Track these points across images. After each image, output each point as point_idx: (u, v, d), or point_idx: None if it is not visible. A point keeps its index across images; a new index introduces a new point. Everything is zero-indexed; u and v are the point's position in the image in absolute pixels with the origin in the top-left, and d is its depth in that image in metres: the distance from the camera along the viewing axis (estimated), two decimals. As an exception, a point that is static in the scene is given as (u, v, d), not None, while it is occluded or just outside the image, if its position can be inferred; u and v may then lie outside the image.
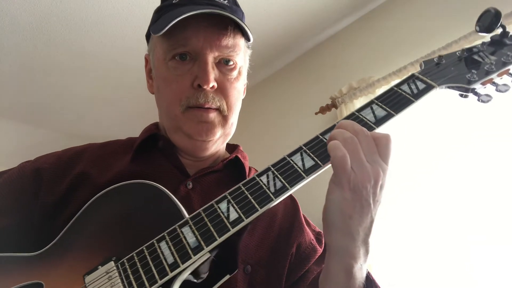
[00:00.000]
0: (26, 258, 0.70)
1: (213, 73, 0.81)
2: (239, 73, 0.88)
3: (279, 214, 0.89)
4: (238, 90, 0.89)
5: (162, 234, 0.65)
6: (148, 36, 0.93)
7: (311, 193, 1.18)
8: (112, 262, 0.65)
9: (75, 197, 0.78)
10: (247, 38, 0.86)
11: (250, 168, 0.97)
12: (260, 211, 0.63)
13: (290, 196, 0.94)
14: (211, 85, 0.81)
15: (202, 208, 0.66)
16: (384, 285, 0.78)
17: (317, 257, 0.89)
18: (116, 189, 0.73)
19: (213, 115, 0.83)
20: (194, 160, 0.90)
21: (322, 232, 0.91)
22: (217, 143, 0.88)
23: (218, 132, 0.85)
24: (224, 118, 0.85)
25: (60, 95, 3.06)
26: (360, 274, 0.67)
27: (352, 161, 0.61)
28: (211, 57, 0.82)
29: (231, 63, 0.86)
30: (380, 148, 0.63)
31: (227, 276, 0.66)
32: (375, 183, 0.61)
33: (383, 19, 2.49)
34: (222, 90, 0.84)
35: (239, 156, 0.92)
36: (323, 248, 0.91)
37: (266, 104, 3.14)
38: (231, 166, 0.91)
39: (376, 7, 2.56)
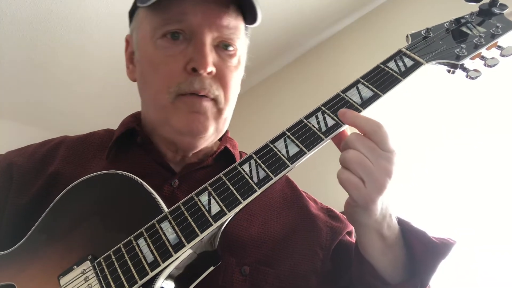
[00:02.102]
0: None
1: (211, 56, 0.66)
2: (239, 62, 0.73)
3: (275, 205, 0.77)
4: (237, 81, 0.73)
5: (140, 230, 0.56)
6: (133, 12, 0.76)
7: (314, 172, 1.09)
8: (88, 262, 0.56)
9: (48, 198, 0.66)
10: (251, 21, 0.71)
11: (241, 154, 0.83)
12: (244, 203, 0.55)
13: (289, 183, 0.84)
14: (209, 70, 0.65)
15: (181, 202, 0.57)
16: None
17: (340, 237, 0.79)
18: (87, 181, 0.63)
19: (207, 105, 0.67)
20: (181, 155, 0.75)
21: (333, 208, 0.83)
22: (208, 141, 0.74)
23: (211, 127, 0.69)
24: (219, 111, 0.70)
25: (60, 95, 2.94)
26: (391, 231, 0.63)
27: (362, 174, 0.55)
28: (209, 38, 0.66)
29: (231, 48, 0.70)
30: (376, 139, 0.56)
31: (211, 268, 0.58)
32: (388, 177, 0.56)
33: (383, 19, 2.40)
34: (221, 78, 0.68)
35: (228, 146, 0.78)
36: (344, 225, 0.81)
37: (266, 104, 3.02)
38: (222, 158, 0.77)
39: (376, 7, 2.47)
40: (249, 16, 0.70)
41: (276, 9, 2.33)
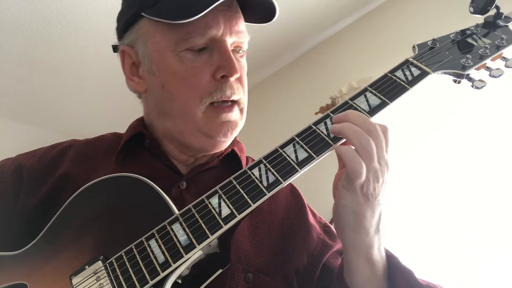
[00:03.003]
0: (7, 257, 0.62)
1: (236, 62, 0.69)
2: (245, 60, 0.77)
3: (279, 215, 0.79)
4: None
5: (151, 232, 0.58)
6: (130, 22, 0.74)
7: (317, 183, 1.11)
8: (100, 262, 0.58)
9: (58, 199, 0.68)
10: (261, 19, 0.73)
11: (247, 159, 0.86)
12: (253, 206, 0.57)
13: (293, 192, 0.86)
14: (238, 75, 0.69)
15: (192, 204, 0.59)
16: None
17: (330, 253, 0.80)
18: (98, 183, 0.65)
19: (236, 113, 0.72)
20: (191, 158, 0.77)
21: (334, 229, 0.80)
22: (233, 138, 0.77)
23: (239, 128, 0.75)
24: (241, 111, 0.74)
25: (60, 95, 2.95)
26: (379, 257, 0.64)
27: (368, 169, 0.56)
28: (229, 44, 0.70)
29: (241, 50, 0.74)
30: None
31: (220, 271, 0.60)
32: (383, 180, 0.57)
33: (383, 19, 2.41)
34: (241, 80, 0.73)
35: (235, 149, 0.81)
36: (336, 243, 0.82)
37: (266, 104, 3.02)
38: (228, 161, 0.80)
39: (376, 7, 2.48)
40: (252, 14, 0.73)
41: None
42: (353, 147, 0.57)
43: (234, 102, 0.71)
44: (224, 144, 0.75)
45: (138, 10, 0.71)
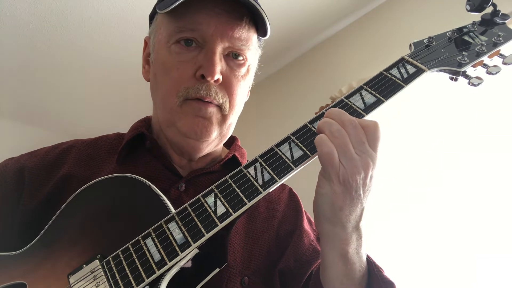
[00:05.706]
0: (7, 257, 0.64)
1: (219, 65, 0.70)
2: (248, 71, 0.77)
3: (276, 220, 0.80)
4: (243, 89, 0.78)
5: (148, 230, 0.59)
6: (152, 16, 0.80)
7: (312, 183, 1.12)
8: (97, 261, 0.59)
9: (60, 200, 0.69)
10: (263, 33, 0.75)
11: None
12: (249, 204, 0.58)
13: (292, 198, 0.87)
14: (216, 78, 0.69)
15: (188, 203, 0.60)
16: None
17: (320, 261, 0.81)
18: (97, 184, 0.66)
19: (212, 111, 0.72)
20: (188, 159, 0.80)
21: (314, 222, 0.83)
22: (212, 144, 0.78)
23: (214, 132, 0.74)
24: (223, 118, 0.74)
25: (60, 95, 2.98)
26: (357, 258, 0.63)
27: (340, 155, 0.56)
28: (220, 47, 0.71)
29: (240, 58, 0.74)
30: (369, 137, 0.58)
31: (217, 270, 0.61)
32: (365, 174, 0.57)
33: (383, 19, 2.42)
34: (227, 86, 0.73)
35: (237, 154, 0.82)
36: None
37: (266, 104, 3.04)
38: (229, 166, 0.81)
39: (376, 7, 2.48)
40: (262, 28, 0.75)
41: (277, 9, 2.36)
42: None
43: (212, 103, 0.72)
44: (198, 145, 0.75)
45: (156, 4, 0.77)
